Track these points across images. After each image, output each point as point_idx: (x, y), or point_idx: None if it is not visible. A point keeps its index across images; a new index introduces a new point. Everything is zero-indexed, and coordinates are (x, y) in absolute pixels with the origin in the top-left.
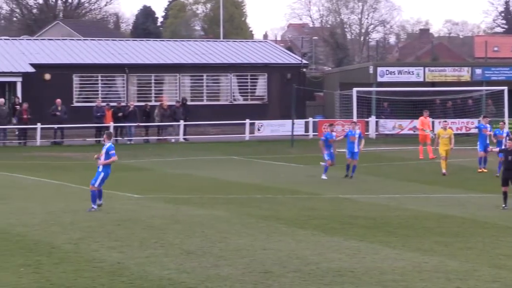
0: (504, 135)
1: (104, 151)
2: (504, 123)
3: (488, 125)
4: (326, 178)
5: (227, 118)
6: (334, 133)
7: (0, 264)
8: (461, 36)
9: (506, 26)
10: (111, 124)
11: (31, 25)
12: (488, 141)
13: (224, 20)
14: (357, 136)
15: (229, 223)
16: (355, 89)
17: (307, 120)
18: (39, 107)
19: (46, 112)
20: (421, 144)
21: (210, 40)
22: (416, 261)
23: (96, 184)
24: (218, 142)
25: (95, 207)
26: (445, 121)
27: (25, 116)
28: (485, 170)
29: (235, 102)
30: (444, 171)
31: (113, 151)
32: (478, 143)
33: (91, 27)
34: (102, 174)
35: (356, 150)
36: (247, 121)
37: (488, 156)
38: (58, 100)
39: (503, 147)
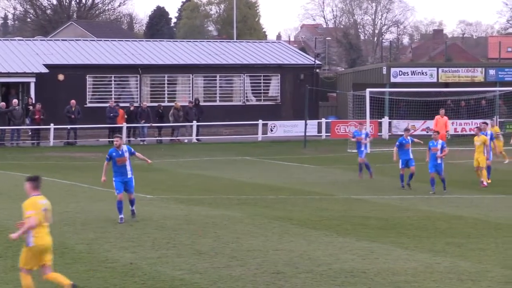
0: (439, 147)
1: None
2: (438, 133)
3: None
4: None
5: (240, 119)
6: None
7: (13, 264)
8: (474, 37)
9: None
10: (124, 125)
11: (45, 25)
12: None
13: (238, 20)
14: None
15: (242, 223)
16: (368, 90)
17: (320, 120)
18: (53, 108)
19: (60, 112)
20: None
21: (223, 41)
22: (428, 262)
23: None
24: (231, 143)
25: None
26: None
27: (37, 117)
28: (488, 181)
29: (248, 103)
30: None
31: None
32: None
33: (104, 27)
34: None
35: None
36: (260, 122)
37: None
38: (73, 101)
39: (438, 161)
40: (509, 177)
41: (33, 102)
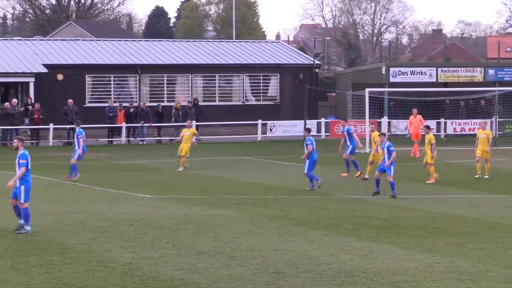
0: (385, 150)
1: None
2: (385, 135)
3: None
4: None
5: (239, 119)
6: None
7: (12, 264)
8: (474, 37)
9: None
10: (123, 124)
11: (44, 25)
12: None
13: (237, 20)
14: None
15: (241, 223)
16: (367, 90)
17: (319, 120)
18: (52, 108)
19: (59, 112)
20: (415, 142)
21: (222, 41)
22: (428, 262)
23: (22, 200)
24: (230, 143)
25: (28, 228)
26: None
27: (36, 116)
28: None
29: (247, 103)
30: (477, 173)
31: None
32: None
33: (103, 27)
34: (23, 187)
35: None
36: (259, 122)
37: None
38: (70, 101)
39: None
40: (508, 177)
41: (32, 102)
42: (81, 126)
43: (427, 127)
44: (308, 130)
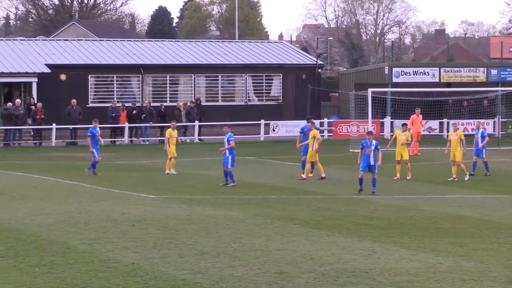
0: (373, 148)
1: None
2: (372, 134)
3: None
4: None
5: (242, 119)
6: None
7: (15, 264)
8: (476, 37)
9: None
10: (126, 125)
11: (47, 25)
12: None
13: (239, 20)
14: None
15: (244, 223)
16: (370, 90)
17: (322, 120)
18: (55, 108)
19: (62, 112)
20: (415, 140)
21: (225, 41)
22: (430, 262)
23: None
24: None
25: None
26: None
27: (38, 117)
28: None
29: (250, 103)
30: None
31: None
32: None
33: (106, 27)
34: None
35: (372, 163)
36: (262, 122)
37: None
38: (74, 101)
39: (371, 162)
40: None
41: (35, 102)
42: (84, 126)
43: (405, 124)
44: (228, 126)
